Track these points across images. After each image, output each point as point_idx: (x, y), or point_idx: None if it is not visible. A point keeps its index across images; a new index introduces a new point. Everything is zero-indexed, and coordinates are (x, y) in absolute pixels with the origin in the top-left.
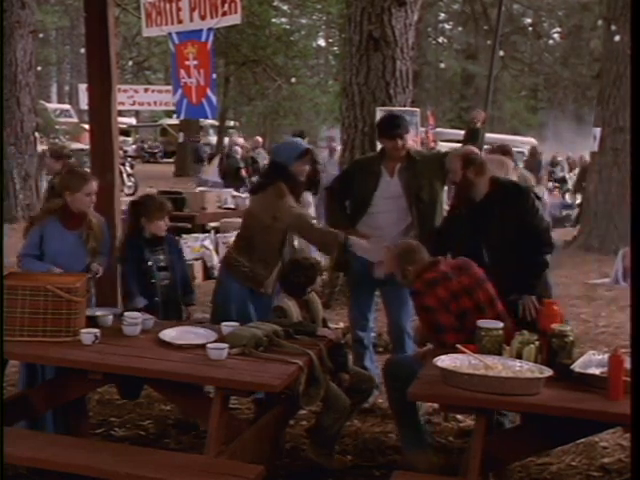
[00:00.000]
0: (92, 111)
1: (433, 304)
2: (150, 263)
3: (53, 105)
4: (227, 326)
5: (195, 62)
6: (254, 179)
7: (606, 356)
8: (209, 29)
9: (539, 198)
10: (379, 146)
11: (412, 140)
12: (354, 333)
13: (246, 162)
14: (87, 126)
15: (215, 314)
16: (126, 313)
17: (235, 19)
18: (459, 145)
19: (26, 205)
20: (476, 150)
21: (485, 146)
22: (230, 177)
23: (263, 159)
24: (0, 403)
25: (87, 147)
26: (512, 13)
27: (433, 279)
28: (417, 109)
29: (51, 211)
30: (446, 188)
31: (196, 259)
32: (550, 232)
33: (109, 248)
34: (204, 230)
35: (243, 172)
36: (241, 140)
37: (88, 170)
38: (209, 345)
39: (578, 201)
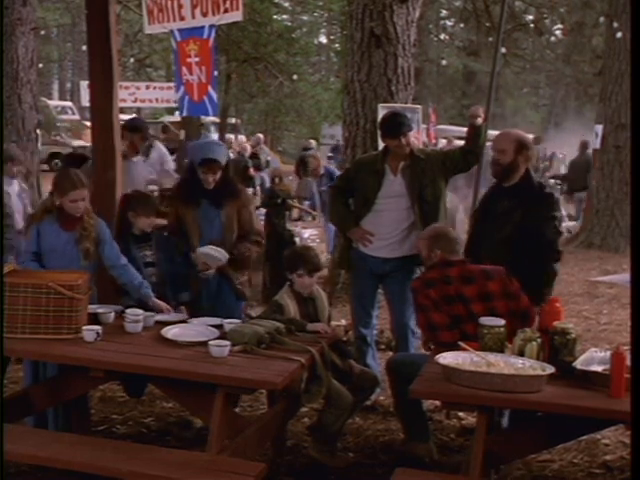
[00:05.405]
0: (94, 108)
1: (426, 302)
2: (135, 258)
3: (55, 102)
4: (229, 323)
5: (197, 59)
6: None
7: (608, 353)
8: (211, 26)
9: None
10: (381, 144)
11: (414, 137)
12: (357, 330)
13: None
14: (89, 123)
15: None
16: (128, 310)
17: (237, 16)
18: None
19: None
20: (527, 135)
21: (487, 143)
22: (238, 176)
23: (266, 155)
24: (0, 401)
25: (89, 144)
26: (514, 10)
27: (431, 280)
28: (419, 106)
29: (48, 209)
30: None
31: None
32: (557, 241)
33: (117, 250)
34: None
35: (251, 171)
36: (243, 138)
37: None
38: (211, 342)
39: None
